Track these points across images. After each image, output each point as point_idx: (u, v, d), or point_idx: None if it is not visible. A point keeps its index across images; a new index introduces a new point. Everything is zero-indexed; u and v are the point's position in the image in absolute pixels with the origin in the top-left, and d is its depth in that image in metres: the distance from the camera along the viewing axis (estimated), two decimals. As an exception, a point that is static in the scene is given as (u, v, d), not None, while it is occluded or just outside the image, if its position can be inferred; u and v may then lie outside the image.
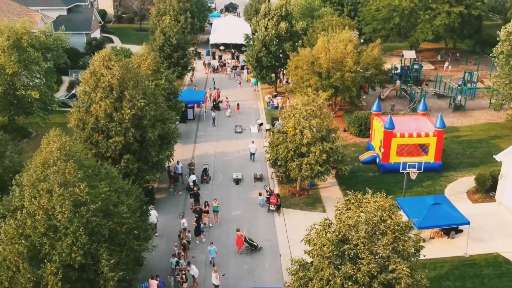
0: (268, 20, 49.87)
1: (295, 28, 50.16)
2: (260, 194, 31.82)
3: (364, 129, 41.53)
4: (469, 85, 51.45)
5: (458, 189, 33.59)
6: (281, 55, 50.78)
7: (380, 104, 38.22)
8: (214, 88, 52.52)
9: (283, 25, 48.91)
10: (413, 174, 29.41)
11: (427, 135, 34.90)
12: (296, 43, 49.25)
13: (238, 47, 69.41)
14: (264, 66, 50.50)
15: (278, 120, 42.72)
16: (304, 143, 30.14)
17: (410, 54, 55.83)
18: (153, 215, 28.92)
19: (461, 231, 27.80)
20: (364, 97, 50.12)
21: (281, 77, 54.50)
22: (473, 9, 57.04)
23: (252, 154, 38.57)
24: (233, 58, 67.95)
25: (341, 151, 31.17)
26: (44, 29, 41.09)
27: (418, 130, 35.23)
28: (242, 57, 64.98)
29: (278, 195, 31.12)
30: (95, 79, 29.62)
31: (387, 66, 50.22)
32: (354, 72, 41.78)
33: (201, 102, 45.22)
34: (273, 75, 51.64)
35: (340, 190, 33.66)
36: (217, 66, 62.74)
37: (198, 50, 70.15)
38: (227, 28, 74.48)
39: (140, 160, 30.14)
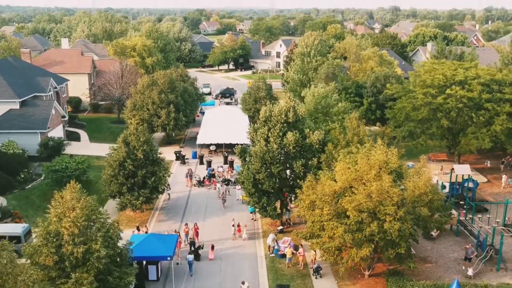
0: (269, 129, 35.72)
1: (309, 139, 35.81)
2: None
3: (426, 315, 25.80)
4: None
5: None
6: (288, 175, 36.19)
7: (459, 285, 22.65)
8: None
9: (290, 136, 34.62)
10: None
11: None
12: (310, 161, 34.81)
13: (233, 148, 54.99)
14: (265, 192, 35.71)
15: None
16: None
17: (463, 169, 41.14)
18: None
19: None
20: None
21: (289, 203, 39.29)
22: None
23: None
24: (225, 162, 53.45)
25: None
26: None
27: None
28: (238, 162, 49.86)
29: None
30: None
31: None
32: (400, 219, 26.76)
33: (168, 258, 29.75)
34: (278, 203, 36.71)
35: None
36: (203, 178, 47.86)
37: (182, 152, 55.81)
38: (220, 122, 61.04)
39: None
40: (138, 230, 35.85)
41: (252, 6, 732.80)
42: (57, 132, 56.50)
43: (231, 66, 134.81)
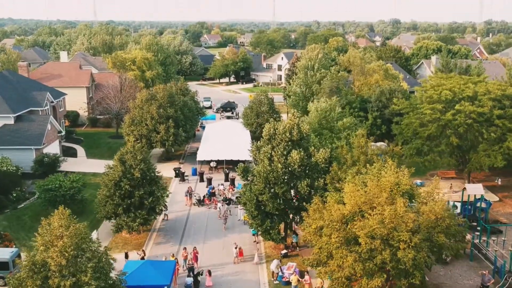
0: (273, 147, 33.97)
1: (314, 158, 34.03)
2: None
3: None
4: None
5: None
6: (293, 195, 34.34)
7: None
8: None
9: (295, 154, 32.86)
10: None
11: None
12: (316, 182, 33.02)
13: (234, 164, 53.10)
14: (268, 214, 33.85)
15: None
16: None
17: (475, 189, 39.28)
18: None
19: None
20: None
21: (295, 225, 37.38)
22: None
23: None
24: (226, 180, 51.60)
25: None
26: None
27: None
28: (239, 179, 47.59)
29: None
30: None
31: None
32: (415, 246, 24.83)
33: (165, 287, 27.83)
34: (281, 225, 34.83)
35: None
36: (203, 197, 45.98)
37: (182, 169, 54.00)
38: (221, 138, 59.38)
39: None
40: (127, 257, 33.51)
41: (253, 19, 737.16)
42: (53, 148, 54.85)
43: (232, 79, 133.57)
